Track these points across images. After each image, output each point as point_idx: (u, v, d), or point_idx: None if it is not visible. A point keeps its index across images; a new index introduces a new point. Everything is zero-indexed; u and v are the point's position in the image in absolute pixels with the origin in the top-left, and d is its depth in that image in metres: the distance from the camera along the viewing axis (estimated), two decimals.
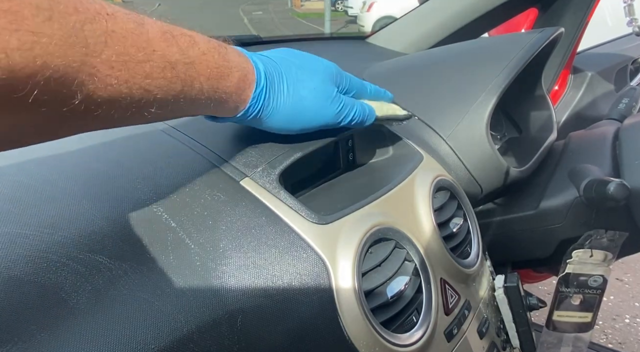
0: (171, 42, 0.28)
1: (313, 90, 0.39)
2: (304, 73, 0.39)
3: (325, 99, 0.40)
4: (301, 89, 0.38)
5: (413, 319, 0.41)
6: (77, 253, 0.31)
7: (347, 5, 13.29)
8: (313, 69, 0.40)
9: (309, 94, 0.39)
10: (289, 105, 0.38)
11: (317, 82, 0.39)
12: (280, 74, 0.38)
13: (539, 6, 1.11)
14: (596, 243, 0.57)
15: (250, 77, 0.35)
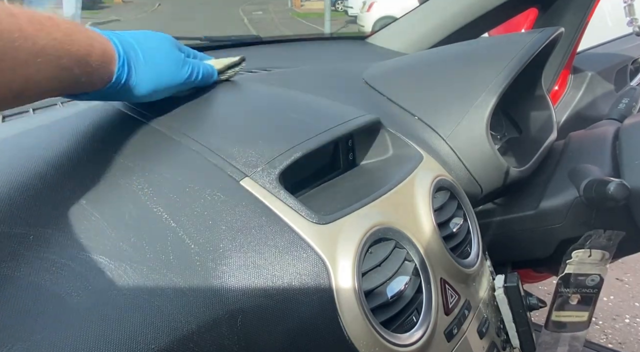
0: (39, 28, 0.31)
1: (166, 56, 0.45)
2: (153, 43, 0.44)
3: (177, 61, 0.46)
4: (156, 57, 0.44)
5: (413, 319, 0.41)
6: (77, 253, 0.31)
7: (347, 5, 13.29)
8: (159, 39, 0.46)
9: (164, 60, 0.45)
10: (148, 72, 0.42)
11: (167, 49, 0.46)
12: (134, 47, 0.42)
13: (539, 6, 1.11)
14: (595, 243, 0.57)
15: (110, 51, 0.38)
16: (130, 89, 0.42)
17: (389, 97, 0.67)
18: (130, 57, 0.41)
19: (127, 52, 0.41)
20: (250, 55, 0.99)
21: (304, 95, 0.59)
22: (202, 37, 0.99)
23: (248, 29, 11.19)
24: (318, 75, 0.74)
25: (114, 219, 0.34)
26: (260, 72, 0.77)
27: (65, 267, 0.30)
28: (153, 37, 0.46)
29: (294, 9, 17.45)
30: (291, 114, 0.51)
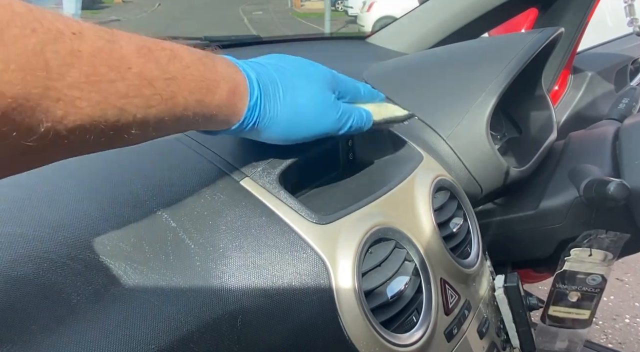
0: (148, 58, 0.26)
1: (311, 97, 0.37)
2: (300, 79, 0.37)
3: (325, 106, 0.38)
4: (299, 97, 0.36)
5: (413, 319, 0.41)
6: (77, 253, 0.31)
7: (347, 5, 13.30)
8: (309, 75, 0.38)
9: (308, 102, 0.37)
10: (286, 115, 0.36)
11: (315, 89, 0.38)
12: (275, 81, 0.36)
13: (539, 6, 1.11)
14: (596, 243, 0.57)
15: (241, 88, 0.33)
16: (260, 130, 0.36)
17: (389, 97, 0.67)
18: (267, 98, 0.35)
19: (265, 89, 0.35)
20: (250, 55, 0.99)
21: None
22: (202, 37, 0.99)
23: (248, 29, 11.20)
24: None
25: (114, 219, 0.34)
26: None
27: (65, 267, 0.30)
28: (302, 73, 0.38)
29: (294, 9, 17.45)
30: None
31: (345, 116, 0.40)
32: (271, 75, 0.36)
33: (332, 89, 0.40)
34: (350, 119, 0.41)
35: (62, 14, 0.23)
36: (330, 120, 0.39)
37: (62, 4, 0.92)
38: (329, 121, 0.39)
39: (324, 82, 0.39)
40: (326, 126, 0.39)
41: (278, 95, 0.35)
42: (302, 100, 0.37)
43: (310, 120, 0.38)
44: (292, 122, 0.37)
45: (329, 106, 0.39)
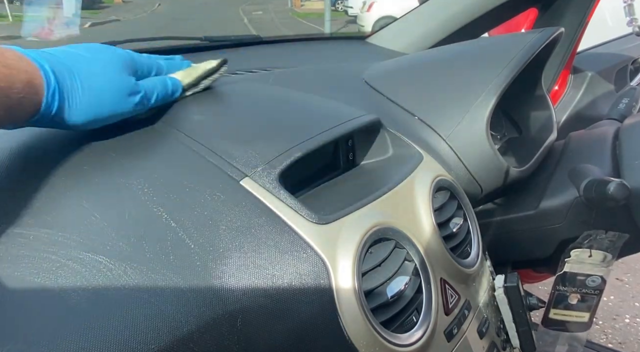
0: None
1: (109, 82, 0.39)
2: (96, 65, 0.39)
3: (123, 89, 0.40)
4: (96, 83, 0.38)
5: (413, 319, 0.41)
6: (77, 253, 0.31)
7: (347, 5, 13.29)
8: (105, 60, 0.40)
9: (106, 86, 0.39)
10: (86, 101, 0.37)
11: (111, 74, 0.40)
12: (71, 70, 0.37)
13: (539, 6, 1.11)
14: (596, 243, 0.57)
15: (37, 80, 0.34)
16: (64, 119, 0.37)
17: (389, 97, 0.67)
18: (64, 85, 0.36)
19: (61, 79, 0.36)
20: (250, 55, 0.99)
21: (304, 95, 0.59)
22: (202, 37, 0.98)
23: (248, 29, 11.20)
24: (318, 75, 0.74)
25: (114, 219, 0.34)
26: (260, 72, 0.77)
27: (65, 267, 0.30)
28: (98, 58, 0.40)
29: (294, 9, 17.45)
30: (291, 114, 0.51)
31: (149, 92, 0.43)
32: (66, 65, 0.37)
33: (130, 71, 0.42)
34: (154, 94, 0.44)
35: None
36: (132, 101, 0.41)
37: (62, 4, 0.92)
38: (130, 102, 0.41)
39: (121, 66, 0.41)
40: (128, 105, 0.41)
41: (76, 84, 0.37)
42: (100, 85, 0.38)
43: (110, 104, 0.39)
44: (92, 108, 0.38)
45: (128, 87, 0.41)
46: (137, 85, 0.42)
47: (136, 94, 0.42)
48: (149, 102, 0.44)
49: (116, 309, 0.29)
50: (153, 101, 0.44)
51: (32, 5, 0.99)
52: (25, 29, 0.91)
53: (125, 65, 0.42)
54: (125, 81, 0.41)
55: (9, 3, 10.32)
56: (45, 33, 0.90)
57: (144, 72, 0.45)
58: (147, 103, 0.43)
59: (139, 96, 0.42)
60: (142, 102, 0.42)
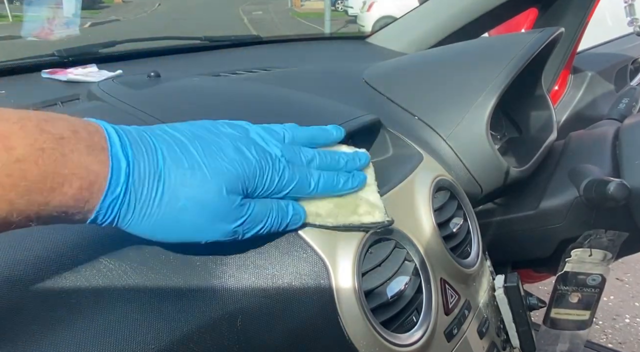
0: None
1: (199, 202, 0.28)
2: (196, 173, 0.28)
3: (217, 214, 0.29)
4: (182, 198, 0.27)
5: (413, 319, 0.41)
6: (77, 253, 0.31)
7: (347, 5, 13.30)
8: (214, 168, 0.29)
9: (192, 207, 0.28)
10: (159, 216, 0.27)
11: (210, 192, 0.28)
12: (158, 173, 0.27)
13: (539, 6, 1.11)
14: (596, 243, 0.57)
15: (98, 185, 0.25)
16: (123, 228, 0.28)
17: (389, 97, 0.67)
18: (136, 191, 0.26)
19: (134, 183, 0.26)
20: (250, 55, 0.99)
21: (303, 95, 0.59)
22: (202, 37, 0.99)
23: (248, 29, 11.20)
24: (318, 75, 0.74)
25: None
26: (260, 72, 0.77)
27: (65, 267, 0.30)
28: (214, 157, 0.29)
29: (294, 9, 17.45)
30: (291, 114, 0.51)
31: (252, 222, 0.31)
32: (156, 163, 0.27)
33: (243, 187, 0.30)
34: (258, 225, 0.31)
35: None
36: (222, 230, 0.30)
37: (62, 4, 0.92)
38: (219, 231, 0.30)
39: (231, 177, 0.29)
40: (214, 235, 0.30)
41: (154, 193, 0.27)
42: (184, 203, 0.28)
43: (191, 227, 0.29)
44: (165, 226, 0.28)
45: (223, 213, 0.29)
46: (241, 208, 0.30)
47: (233, 222, 0.30)
48: (244, 235, 0.31)
49: (116, 309, 0.29)
50: (252, 233, 0.31)
51: (32, 5, 0.99)
52: (25, 29, 0.91)
53: (239, 178, 0.30)
54: (225, 202, 0.29)
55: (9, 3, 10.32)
56: (45, 33, 0.91)
57: (270, 188, 0.32)
58: (242, 236, 0.31)
59: (235, 226, 0.30)
60: (236, 234, 0.30)
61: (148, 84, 0.57)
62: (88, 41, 0.81)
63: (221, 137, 0.31)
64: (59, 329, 0.27)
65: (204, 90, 0.58)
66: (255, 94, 0.57)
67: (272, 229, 0.33)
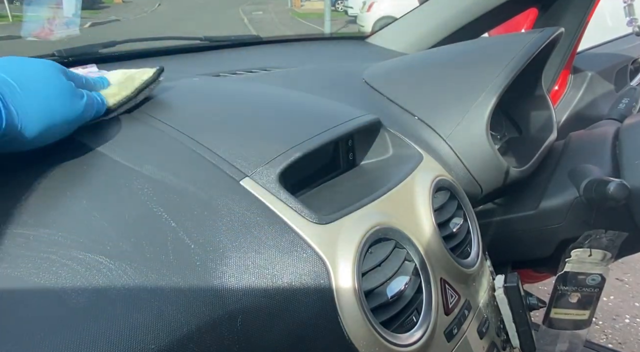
0: None
1: (52, 86, 0.36)
2: (30, 71, 0.36)
3: (67, 91, 0.38)
4: (39, 88, 0.35)
5: (413, 319, 0.41)
6: (77, 253, 0.31)
7: (347, 5, 13.29)
8: (37, 66, 0.37)
9: (50, 90, 0.36)
10: (35, 109, 0.34)
11: (51, 77, 0.37)
12: (6, 80, 0.33)
13: (539, 6, 1.11)
14: (596, 243, 0.57)
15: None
16: (17, 135, 0.33)
17: (389, 97, 0.67)
18: (5, 94, 0.32)
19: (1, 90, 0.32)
20: (250, 55, 0.99)
21: (303, 95, 0.59)
22: (202, 37, 0.98)
23: (248, 29, 11.20)
24: (318, 75, 0.74)
25: (114, 219, 0.34)
26: (260, 72, 0.77)
27: (65, 267, 0.30)
28: (29, 64, 0.37)
29: (294, 9, 17.46)
30: (291, 114, 0.51)
31: (91, 100, 0.40)
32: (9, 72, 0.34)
33: (67, 77, 0.39)
34: (93, 102, 0.41)
35: None
36: (80, 104, 0.38)
37: (62, 4, 0.92)
38: (78, 105, 0.38)
39: (56, 71, 0.38)
40: (78, 109, 0.38)
41: (15, 92, 0.33)
42: (44, 91, 0.35)
43: (61, 107, 0.36)
44: (43, 115, 0.35)
45: (71, 90, 0.38)
46: (78, 91, 0.39)
47: (81, 97, 0.39)
48: (92, 108, 0.40)
49: (116, 310, 0.29)
50: (94, 112, 0.41)
51: (32, 5, 0.99)
52: (25, 29, 0.91)
53: (61, 71, 0.39)
54: (67, 84, 0.38)
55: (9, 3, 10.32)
56: (45, 33, 0.90)
57: (76, 82, 0.41)
58: (91, 111, 0.40)
59: (84, 100, 0.39)
60: (88, 107, 0.40)
61: None
62: (88, 41, 0.81)
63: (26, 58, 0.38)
64: (59, 329, 0.27)
65: (203, 90, 0.58)
66: (255, 94, 0.57)
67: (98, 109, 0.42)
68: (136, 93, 0.47)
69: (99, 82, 0.46)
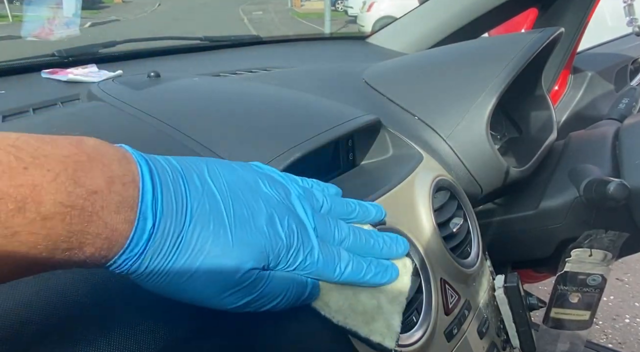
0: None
1: (212, 274, 0.26)
2: (220, 240, 0.26)
3: (228, 286, 0.26)
4: (197, 265, 0.25)
5: (413, 319, 0.41)
6: None
7: (347, 5, 13.30)
8: (239, 238, 0.26)
9: (204, 276, 0.25)
10: (170, 278, 0.25)
11: (228, 265, 0.26)
12: (181, 235, 0.25)
13: (539, 6, 1.11)
14: (596, 243, 0.57)
15: (119, 244, 0.23)
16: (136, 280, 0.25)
17: (389, 97, 0.67)
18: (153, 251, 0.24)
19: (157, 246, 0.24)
20: (250, 55, 0.99)
21: (303, 95, 0.59)
22: (202, 37, 0.99)
23: (248, 29, 11.20)
24: (318, 75, 0.74)
25: None
26: (260, 72, 0.77)
27: None
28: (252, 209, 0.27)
29: (294, 9, 17.46)
30: (291, 114, 0.51)
31: (266, 298, 0.28)
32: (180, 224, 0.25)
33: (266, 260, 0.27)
34: (274, 300, 0.28)
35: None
36: (229, 303, 0.27)
37: (62, 4, 0.92)
38: (225, 302, 0.27)
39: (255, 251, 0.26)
40: (219, 305, 0.27)
41: (170, 256, 0.25)
42: (197, 272, 0.25)
43: (197, 295, 0.26)
44: (173, 287, 0.26)
45: (234, 287, 0.26)
46: (256, 282, 0.27)
47: (244, 297, 0.27)
48: (259, 309, 0.28)
49: (116, 310, 0.29)
50: (267, 308, 0.28)
51: (32, 5, 0.99)
52: (25, 29, 0.91)
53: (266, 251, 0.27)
54: (241, 276, 0.26)
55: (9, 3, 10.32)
56: (46, 33, 0.90)
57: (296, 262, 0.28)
58: (252, 308, 0.28)
59: (246, 299, 0.27)
60: (247, 307, 0.27)
61: (148, 84, 0.57)
62: (88, 41, 0.81)
63: (258, 199, 0.28)
64: (59, 329, 0.27)
65: (204, 90, 0.58)
66: (255, 94, 0.57)
67: (287, 305, 0.29)
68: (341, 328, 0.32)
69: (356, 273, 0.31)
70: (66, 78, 0.67)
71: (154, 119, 0.46)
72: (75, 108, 0.55)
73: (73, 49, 0.77)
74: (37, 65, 0.73)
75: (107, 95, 0.54)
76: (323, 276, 0.30)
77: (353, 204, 0.34)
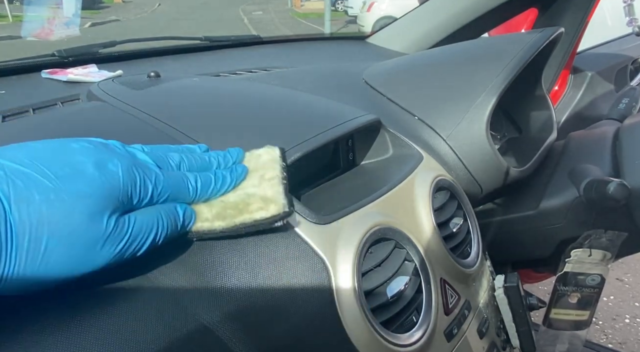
0: None
1: (65, 237, 0.24)
2: (54, 204, 0.24)
3: (90, 242, 0.25)
4: (45, 238, 0.23)
5: (413, 319, 0.41)
6: None
7: (347, 5, 13.29)
8: (73, 193, 0.25)
9: (59, 245, 0.24)
10: (23, 268, 0.23)
11: (75, 222, 0.24)
12: (6, 220, 0.23)
13: (539, 6, 1.11)
14: (595, 243, 0.57)
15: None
16: None
17: (389, 97, 0.67)
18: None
19: None
20: (250, 55, 0.99)
21: (303, 95, 0.59)
22: (202, 37, 0.99)
23: (248, 29, 11.20)
24: (318, 75, 0.74)
25: None
26: (260, 72, 0.77)
27: None
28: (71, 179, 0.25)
29: (294, 9, 17.46)
30: (291, 114, 0.51)
31: (139, 236, 0.28)
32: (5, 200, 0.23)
33: (117, 202, 0.27)
34: (148, 237, 0.28)
35: None
36: (106, 255, 0.26)
37: (62, 4, 0.92)
38: (103, 256, 0.26)
39: (97, 199, 0.26)
40: (99, 262, 0.26)
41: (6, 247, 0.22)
42: (48, 244, 0.24)
43: (64, 267, 0.25)
44: (34, 276, 0.24)
45: (97, 240, 0.25)
46: (119, 227, 0.27)
47: (114, 244, 0.26)
48: (137, 249, 0.28)
49: (116, 310, 0.29)
50: (145, 247, 0.28)
51: (32, 5, 0.99)
52: (25, 29, 0.91)
53: (110, 193, 0.26)
54: (98, 227, 0.25)
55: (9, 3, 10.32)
56: (46, 33, 0.90)
57: (148, 195, 0.29)
58: (135, 251, 0.28)
59: (119, 248, 0.27)
60: (124, 251, 0.27)
61: (148, 84, 0.58)
62: (88, 41, 0.81)
63: (74, 155, 0.27)
64: (60, 329, 0.27)
65: (204, 90, 0.58)
66: (255, 94, 0.57)
67: (167, 235, 0.30)
68: (235, 232, 0.33)
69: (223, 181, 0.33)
70: (66, 78, 0.67)
71: (153, 119, 0.46)
72: (75, 108, 0.55)
73: (73, 49, 0.77)
74: (37, 65, 0.73)
75: (107, 96, 0.54)
76: (180, 197, 0.31)
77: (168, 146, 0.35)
